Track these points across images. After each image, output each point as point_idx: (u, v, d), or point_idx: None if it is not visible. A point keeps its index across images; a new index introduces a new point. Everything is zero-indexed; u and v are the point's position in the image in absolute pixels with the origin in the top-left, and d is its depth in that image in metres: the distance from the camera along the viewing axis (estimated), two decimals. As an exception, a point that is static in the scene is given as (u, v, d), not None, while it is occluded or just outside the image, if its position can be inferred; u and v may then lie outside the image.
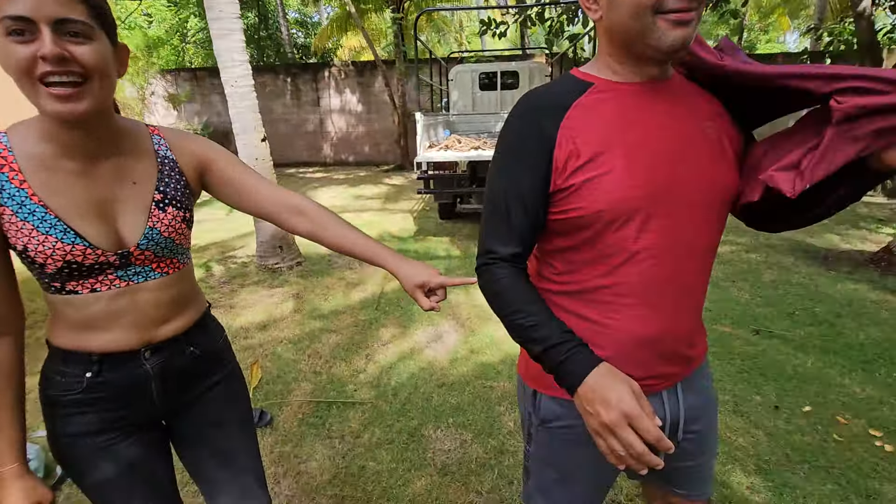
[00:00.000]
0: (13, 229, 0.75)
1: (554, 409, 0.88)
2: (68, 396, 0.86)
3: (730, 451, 1.92)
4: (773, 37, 23.70)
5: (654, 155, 0.73)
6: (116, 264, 0.82)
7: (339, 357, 2.75)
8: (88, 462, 0.88)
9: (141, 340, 0.87)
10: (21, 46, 0.66)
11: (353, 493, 1.77)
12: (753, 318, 3.11)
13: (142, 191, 0.85)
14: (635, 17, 0.68)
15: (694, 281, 0.81)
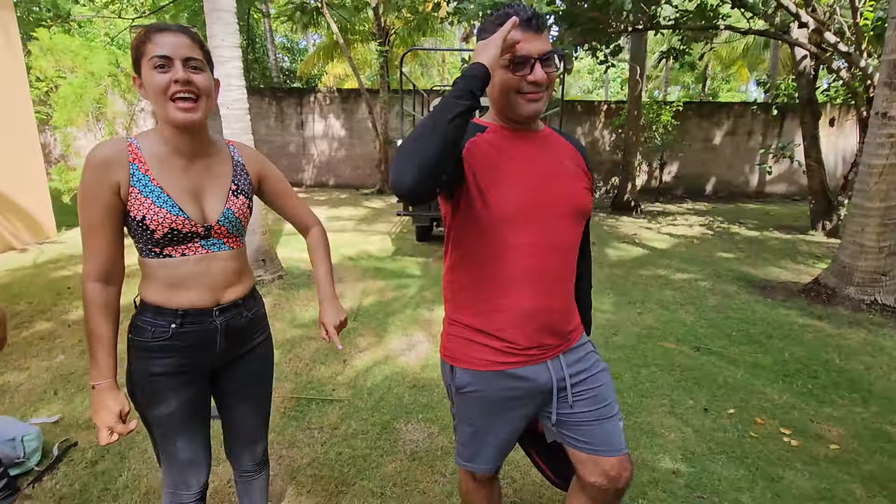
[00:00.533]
0: (136, 203, 1.04)
1: (466, 379, 1.14)
2: (155, 343, 1.12)
3: (662, 444, 2.21)
4: (735, 86, 25.47)
5: (526, 178, 1.05)
6: (202, 234, 1.11)
7: (318, 361, 2.95)
8: (161, 396, 1.15)
9: (213, 300, 1.16)
10: (162, 75, 1.01)
11: (331, 473, 1.97)
12: (696, 336, 3.46)
13: (222, 183, 1.16)
14: (504, 95, 1.03)
15: (562, 270, 1.12)
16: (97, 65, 5.70)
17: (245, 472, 1.43)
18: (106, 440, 1.07)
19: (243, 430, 1.35)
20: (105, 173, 1.02)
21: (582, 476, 1.19)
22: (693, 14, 6.83)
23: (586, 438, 1.16)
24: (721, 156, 11.94)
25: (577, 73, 26.48)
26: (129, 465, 1.99)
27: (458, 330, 1.15)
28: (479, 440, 1.20)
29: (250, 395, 1.34)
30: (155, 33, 1.01)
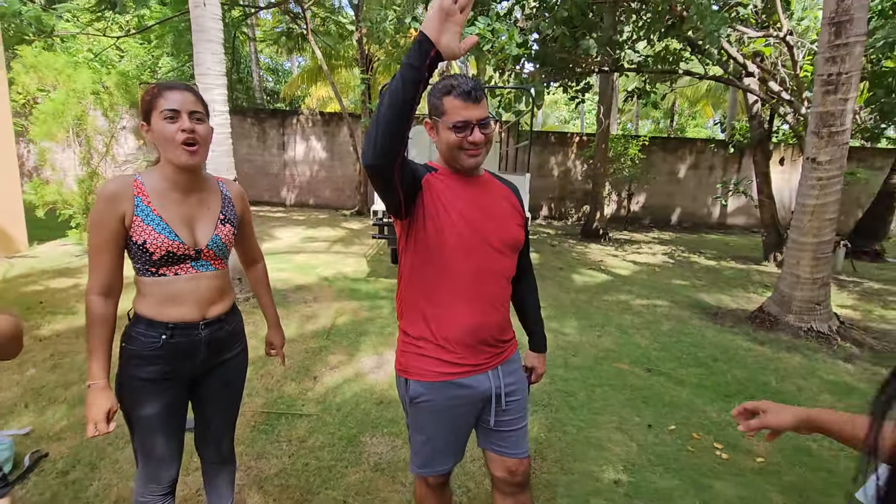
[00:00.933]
0: (139, 230, 1.23)
1: (418, 390, 1.30)
2: (145, 352, 1.28)
3: (608, 457, 2.41)
4: (701, 122, 26.83)
5: (468, 216, 1.26)
6: (193, 256, 1.30)
7: (289, 378, 3.06)
8: (146, 399, 1.30)
9: (200, 315, 1.33)
10: (172, 125, 1.22)
11: (297, 482, 2.09)
12: (648, 359, 3.71)
13: (212, 213, 1.36)
14: (448, 149, 1.25)
15: (497, 292, 1.33)
16: (80, 82, 5.79)
17: (212, 465, 1.59)
18: (91, 433, 1.22)
19: (211, 429, 1.52)
20: (114, 205, 1.21)
21: (490, 470, 1.43)
22: (655, 58, 7.38)
23: (501, 442, 1.38)
24: (685, 188, 12.58)
25: (554, 103, 27.48)
26: (100, 475, 2.07)
27: (410, 343, 1.32)
28: (430, 447, 1.36)
29: (222, 400, 1.50)
30: (166, 90, 1.24)
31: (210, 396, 1.47)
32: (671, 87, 8.26)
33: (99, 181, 6.17)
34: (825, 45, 3.85)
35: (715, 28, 5.00)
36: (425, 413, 1.32)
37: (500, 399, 1.33)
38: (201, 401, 1.47)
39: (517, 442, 1.38)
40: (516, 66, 6.95)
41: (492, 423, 1.35)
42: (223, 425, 1.54)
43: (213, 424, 1.51)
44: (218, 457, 1.57)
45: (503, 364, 1.36)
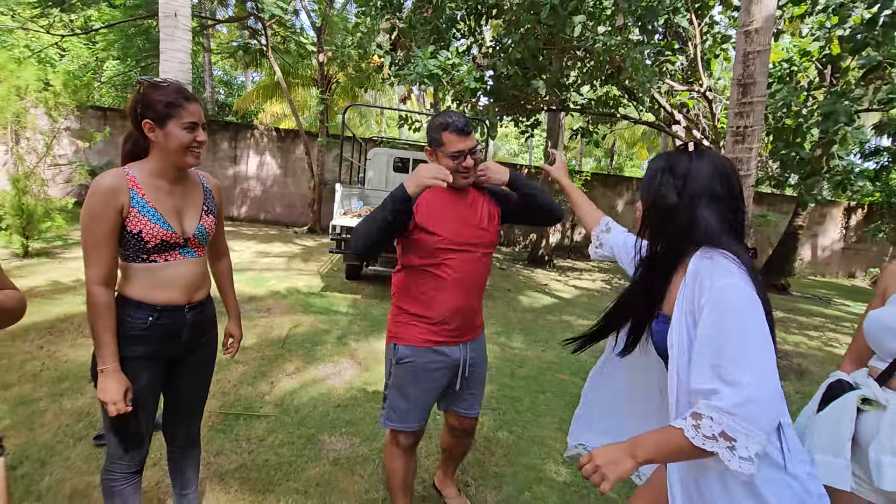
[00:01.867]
0: (135, 220, 1.33)
1: (404, 352, 1.64)
2: (133, 332, 1.37)
3: (549, 452, 2.65)
4: (637, 163, 29.00)
5: (457, 222, 1.63)
6: (181, 244, 1.41)
7: (245, 383, 3.09)
8: (132, 376, 1.37)
9: (187, 299, 1.45)
10: (189, 134, 1.36)
11: (258, 476, 2.16)
12: (586, 371, 4.03)
13: (196, 204, 1.48)
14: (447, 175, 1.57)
15: (477, 282, 1.69)
16: (24, 79, 5.56)
17: (179, 447, 1.66)
18: (114, 412, 1.30)
19: (184, 407, 1.61)
20: (112, 198, 1.29)
21: (446, 420, 1.89)
22: (597, 102, 8.12)
23: (461, 403, 1.79)
24: (623, 222, 13.37)
25: (505, 136, 28.75)
26: (51, 469, 2.04)
27: (403, 316, 1.66)
28: (406, 403, 1.67)
29: (198, 378, 1.61)
30: (187, 102, 1.35)
31: (187, 374, 1.56)
32: (611, 129, 9.08)
33: (35, 183, 5.86)
34: (734, 102, 4.51)
35: (646, 79, 5.67)
36: (408, 372, 1.65)
37: (466, 366, 1.70)
38: (177, 379, 1.56)
39: (472, 405, 1.81)
40: (472, 99, 7.42)
41: (457, 387, 1.69)
42: (195, 405, 1.64)
43: (186, 403, 1.60)
44: (188, 440, 1.65)
45: (472, 341, 1.74)
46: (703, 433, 0.87)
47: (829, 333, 6.45)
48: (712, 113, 6.67)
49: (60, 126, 6.12)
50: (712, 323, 0.91)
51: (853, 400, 1.20)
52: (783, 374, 4.47)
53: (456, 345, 1.68)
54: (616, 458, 0.95)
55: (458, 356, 1.68)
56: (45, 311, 3.90)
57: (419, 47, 6.18)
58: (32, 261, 5.63)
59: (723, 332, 0.90)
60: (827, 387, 1.30)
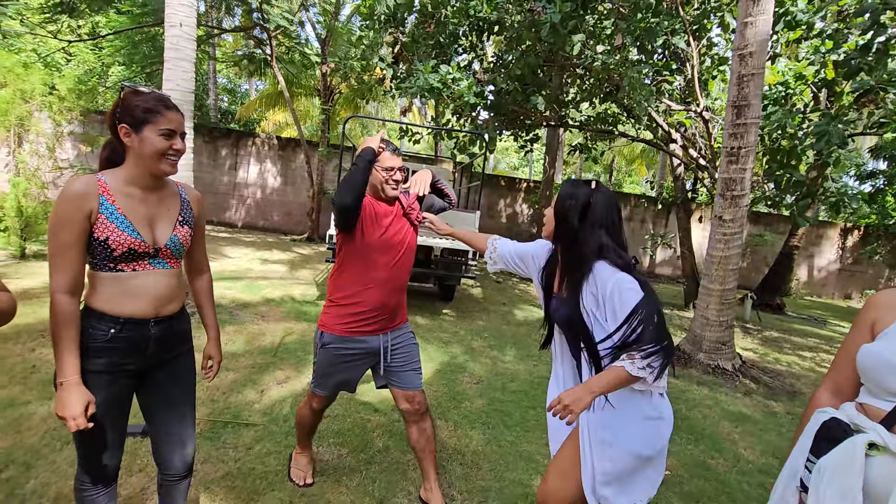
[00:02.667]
0: (102, 227, 1.30)
1: (328, 339, 1.95)
2: (94, 344, 1.33)
3: (536, 467, 2.64)
4: (636, 179, 29.20)
5: (387, 227, 1.95)
6: (151, 254, 1.38)
7: (235, 390, 3.09)
8: (93, 391, 1.32)
9: (153, 312, 1.39)
10: (165, 141, 1.34)
11: (243, 484, 2.16)
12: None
13: (171, 214, 1.45)
14: (378, 185, 1.96)
15: (400, 281, 2.00)
16: (30, 83, 5.63)
17: (174, 477, 1.56)
18: (74, 429, 1.24)
19: (173, 431, 1.52)
20: (81, 203, 1.26)
21: (398, 406, 2.09)
22: (596, 119, 8.22)
23: (396, 379, 2.06)
24: (620, 238, 13.62)
25: (505, 150, 28.98)
26: (37, 473, 2.04)
27: (333, 309, 1.96)
28: (326, 379, 2.02)
29: (176, 397, 1.52)
30: (166, 110, 1.34)
31: (161, 392, 1.50)
32: (609, 146, 9.16)
33: (35, 185, 5.90)
34: (729, 123, 4.59)
35: (644, 98, 5.75)
36: (330, 355, 1.97)
37: (388, 353, 2.01)
38: (155, 400, 1.50)
39: (410, 379, 2.07)
40: (472, 113, 7.51)
41: (381, 371, 2.04)
42: (184, 427, 1.54)
43: (174, 427, 1.52)
44: (184, 465, 1.56)
45: (392, 331, 2.04)
46: (637, 366, 1.33)
47: (823, 354, 6.46)
48: (709, 133, 6.76)
49: (64, 130, 6.18)
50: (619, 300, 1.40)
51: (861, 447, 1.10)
52: (776, 394, 4.48)
53: (376, 335, 1.98)
54: (578, 396, 1.30)
55: (377, 345, 1.98)
56: (38, 314, 3.91)
57: (421, 61, 6.28)
58: (29, 263, 5.64)
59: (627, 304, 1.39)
60: (822, 426, 1.19)
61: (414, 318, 5.62)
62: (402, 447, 2.66)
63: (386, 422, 2.93)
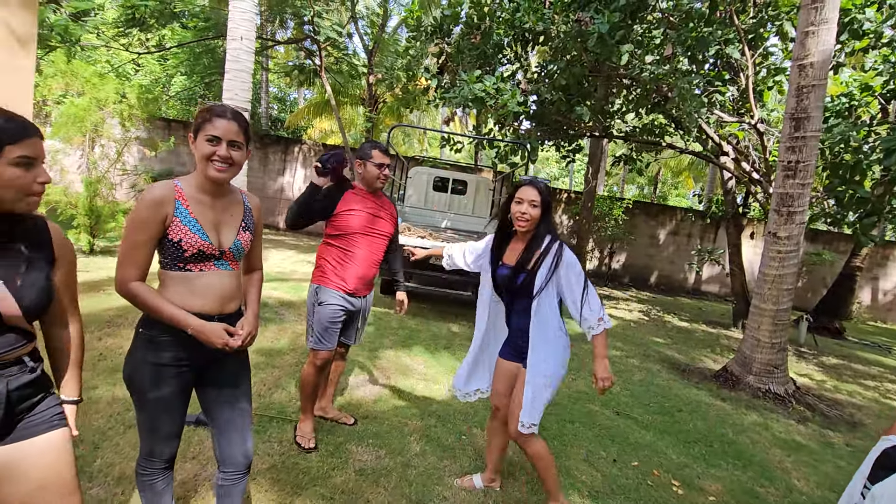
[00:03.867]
0: (176, 229, 1.41)
1: (321, 295, 2.44)
2: (162, 337, 1.44)
3: (573, 483, 2.60)
4: (682, 192, 28.21)
5: (366, 214, 2.51)
6: (216, 256, 1.48)
7: (280, 386, 3.21)
8: (157, 381, 1.44)
9: (217, 309, 1.50)
10: (211, 147, 1.42)
11: (287, 478, 2.24)
12: (618, 403, 3.94)
13: (235, 219, 1.55)
14: (371, 178, 2.53)
15: (374, 259, 2.56)
16: (105, 91, 6.09)
17: (235, 474, 1.61)
18: (235, 343, 1.44)
19: (232, 423, 1.60)
20: (159, 208, 1.39)
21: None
22: (642, 129, 8.04)
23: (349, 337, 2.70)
24: (664, 252, 13.19)
25: (546, 160, 28.73)
26: (103, 453, 2.20)
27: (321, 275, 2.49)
28: (323, 333, 2.45)
29: (233, 390, 1.61)
30: (215, 117, 1.42)
31: (221, 387, 1.58)
32: (655, 158, 8.93)
33: (105, 186, 6.36)
34: (786, 136, 4.39)
35: (694, 109, 5.59)
36: (326, 310, 2.43)
37: (366, 313, 2.68)
38: (213, 394, 1.58)
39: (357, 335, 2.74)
40: (515, 123, 7.52)
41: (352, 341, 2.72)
42: (243, 421, 1.61)
43: (234, 420, 1.59)
44: (244, 460, 1.61)
45: (366, 296, 2.61)
46: (604, 327, 2.05)
47: (888, 385, 6.01)
48: (763, 145, 6.48)
49: (131, 135, 6.64)
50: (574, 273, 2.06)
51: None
52: (834, 424, 4.20)
53: (358, 297, 2.53)
54: (607, 370, 2.07)
55: (359, 306, 2.56)
56: (105, 305, 4.20)
57: (465, 71, 6.36)
58: (96, 258, 6.07)
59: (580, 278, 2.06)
60: (882, 453, 1.21)
61: (449, 326, 5.66)
62: (439, 452, 2.69)
63: (423, 426, 2.96)
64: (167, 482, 1.60)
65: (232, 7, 4.43)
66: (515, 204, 2.06)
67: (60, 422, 1.23)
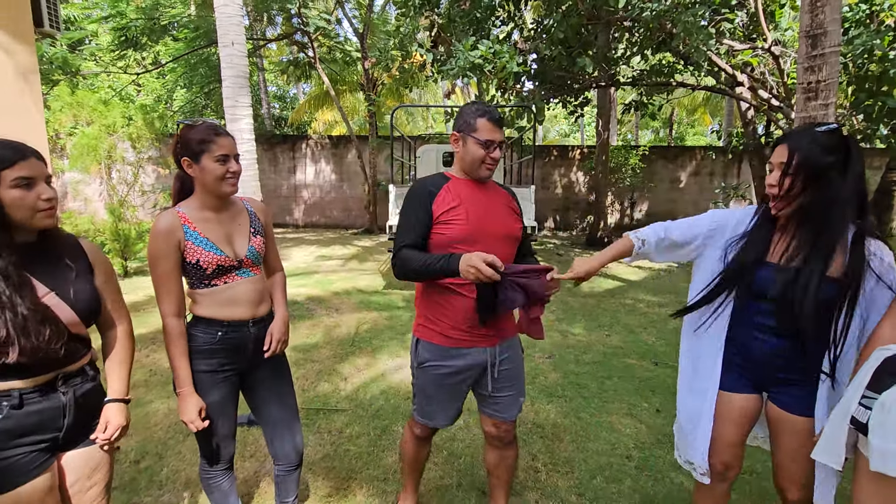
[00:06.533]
0: (192, 252, 1.47)
1: (425, 354, 1.64)
2: (204, 347, 1.52)
3: (618, 437, 2.64)
4: (700, 130, 27.16)
5: (478, 212, 1.58)
6: (236, 266, 1.54)
7: (321, 379, 3.33)
8: (205, 388, 1.52)
9: (251, 314, 1.56)
10: (222, 166, 1.47)
11: (340, 464, 2.34)
12: (654, 353, 3.93)
13: (243, 227, 1.60)
14: (473, 161, 1.58)
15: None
16: (111, 117, 6.21)
17: (289, 466, 1.72)
18: (194, 429, 1.46)
19: (281, 421, 1.68)
20: (171, 236, 1.44)
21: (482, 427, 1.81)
22: (650, 72, 7.73)
23: (494, 406, 1.71)
24: (687, 195, 12.84)
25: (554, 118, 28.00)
26: (168, 462, 2.34)
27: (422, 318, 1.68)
28: (431, 406, 1.70)
29: (277, 388, 1.69)
30: (217, 137, 1.47)
31: (263, 387, 1.65)
32: (667, 99, 8.60)
33: (128, 209, 6.56)
34: (803, 56, 4.14)
35: (702, 42, 5.32)
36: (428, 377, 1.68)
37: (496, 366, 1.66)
38: (259, 393, 1.65)
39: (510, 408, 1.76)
40: (517, 85, 7.32)
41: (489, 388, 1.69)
42: (290, 415, 1.69)
43: (282, 416, 1.67)
44: (296, 453, 1.70)
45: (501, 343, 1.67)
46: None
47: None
48: (780, 69, 6.14)
49: (143, 156, 6.79)
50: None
51: None
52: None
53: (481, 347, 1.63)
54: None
55: (483, 359, 1.63)
56: (148, 324, 4.39)
57: (459, 40, 6.20)
58: (132, 280, 6.32)
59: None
60: (885, 360, 1.13)
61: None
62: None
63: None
64: (231, 481, 1.70)
65: (218, 13, 4.41)
66: (768, 175, 1.36)
67: None
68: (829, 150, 1.26)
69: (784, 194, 1.31)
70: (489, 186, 1.68)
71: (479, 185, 1.64)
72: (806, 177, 1.28)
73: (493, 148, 1.56)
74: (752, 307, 1.41)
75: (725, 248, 1.47)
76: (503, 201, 1.68)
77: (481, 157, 1.56)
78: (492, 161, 1.57)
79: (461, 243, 1.54)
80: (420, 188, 1.60)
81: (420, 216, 1.55)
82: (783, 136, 1.37)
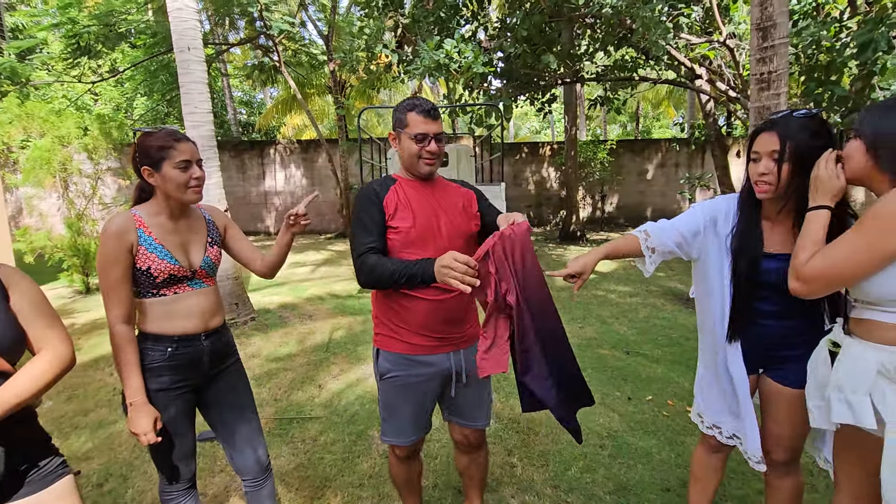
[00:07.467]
0: (143, 257, 1.41)
1: (386, 365, 1.57)
2: (154, 364, 1.44)
3: (592, 427, 2.67)
4: (665, 123, 27.85)
5: (426, 212, 1.51)
6: (189, 276, 1.49)
7: (295, 388, 3.27)
8: (160, 408, 1.43)
9: (201, 327, 1.50)
10: (183, 173, 1.42)
11: (315, 473, 2.31)
12: (626, 343, 4.01)
13: (200, 237, 1.55)
14: (410, 158, 1.52)
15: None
16: (65, 128, 5.97)
17: (254, 480, 1.65)
18: (145, 443, 1.35)
19: (239, 436, 1.62)
20: (122, 239, 1.38)
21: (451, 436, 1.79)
22: (614, 67, 7.88)
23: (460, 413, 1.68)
24: (654, 186, 13.14)
25: (524, 115, 28.29)
26: (133, 483, 2.26)
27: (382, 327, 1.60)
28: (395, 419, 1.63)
29: (235, 403, 1.62)
30: (177, 142, 1.42)
31: (220, 402, 1.59)
32: (631, 93, 8.78)
33: (87, 223, 6.31)
34: (755, 48, 4.29)
35: (660, 36, 5.46)
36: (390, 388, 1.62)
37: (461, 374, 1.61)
38: (217, 410, 1.59)
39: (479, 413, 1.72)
40: (484, 84, 7.36)
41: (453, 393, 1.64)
42: (250, 430, 1.63)
43: (240, 432, 1.61)
44: (259, 468, 1.64)
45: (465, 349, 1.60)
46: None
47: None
48: (736, 62, 6.35)
49: (102, 168, 6.54)
50: None
51: (824, 343, 1.28)
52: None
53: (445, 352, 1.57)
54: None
55: (449, 365, 1.57)
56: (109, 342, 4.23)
57: (424, 40, 6.19)
58: (95, 296, 6.08)
59: None
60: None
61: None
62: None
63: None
64: (194, 500, 1.63)
65: (172, 17, 4.28)
66: (752, 164, 1.38)
67: (64, 469, 1.22)
68: (817, 135, 1.31)
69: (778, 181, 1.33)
70: (439, 185, 1.60)
71: (427, 185, 1.57)
72: (797, 162, 1.30)
73: (428, 141, 1.49)
74: (752, 296, 1.45)
75: (724, 240, 1.49)
76: (455, 200, 1.59)
77: (416, 152, 1.49)
78: (429, 155, 1.50)
79: (411, 246, 1.48)
80: (367, 189, 1.55)
81: (373, 215, 1.49)
82: (766, 124, 1.37)
